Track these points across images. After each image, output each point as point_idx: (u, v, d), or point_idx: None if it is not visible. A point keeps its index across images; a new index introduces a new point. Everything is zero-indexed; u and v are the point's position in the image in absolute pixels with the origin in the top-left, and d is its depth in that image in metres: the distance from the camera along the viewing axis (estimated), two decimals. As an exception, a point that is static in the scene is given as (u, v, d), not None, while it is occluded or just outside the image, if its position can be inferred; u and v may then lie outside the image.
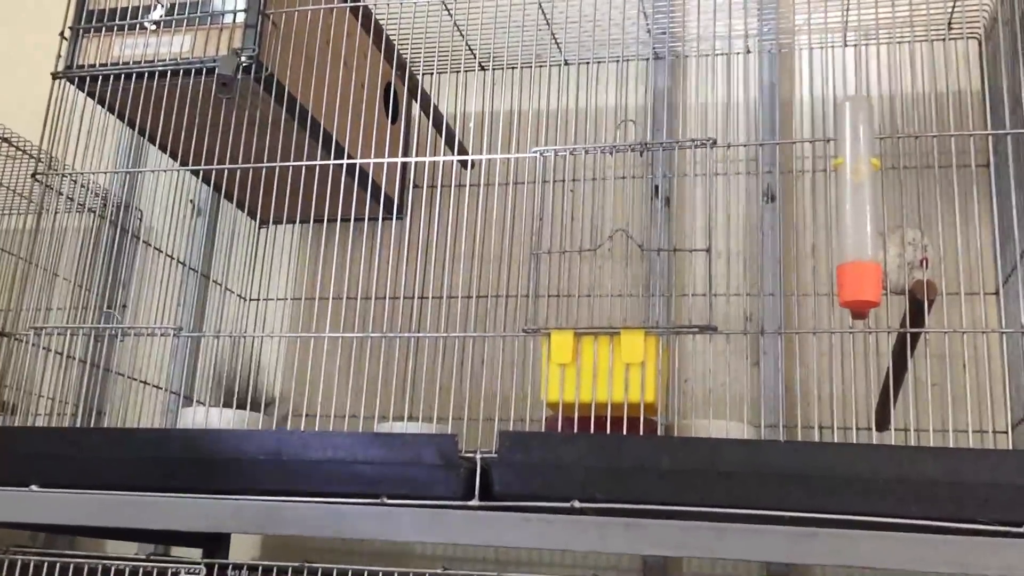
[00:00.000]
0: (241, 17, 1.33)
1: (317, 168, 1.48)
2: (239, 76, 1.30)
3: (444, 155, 1.56)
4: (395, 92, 1.68)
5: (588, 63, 1.64)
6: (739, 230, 1.65)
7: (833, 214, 1.20)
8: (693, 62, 1.76)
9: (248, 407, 1.39)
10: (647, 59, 1.75)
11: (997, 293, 1.50)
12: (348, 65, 1.47)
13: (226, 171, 1.40)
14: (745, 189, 1.65)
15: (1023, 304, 1.20)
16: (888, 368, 1.22)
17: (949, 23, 1.60)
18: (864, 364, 1.33)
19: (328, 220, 1.73)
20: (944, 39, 1.63)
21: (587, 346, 1.10)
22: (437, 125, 1.71)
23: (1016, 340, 1.37)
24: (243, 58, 1.31)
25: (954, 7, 1.56)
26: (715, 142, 1.14)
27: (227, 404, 1.38)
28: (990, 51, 1.60)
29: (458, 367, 1.17)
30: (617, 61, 1.74)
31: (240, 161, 1.36)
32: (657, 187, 1.64)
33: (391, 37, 1.70)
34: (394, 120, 1.70)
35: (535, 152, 1.19)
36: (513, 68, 1.72)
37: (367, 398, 1.30)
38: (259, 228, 1.79)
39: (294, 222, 1.79)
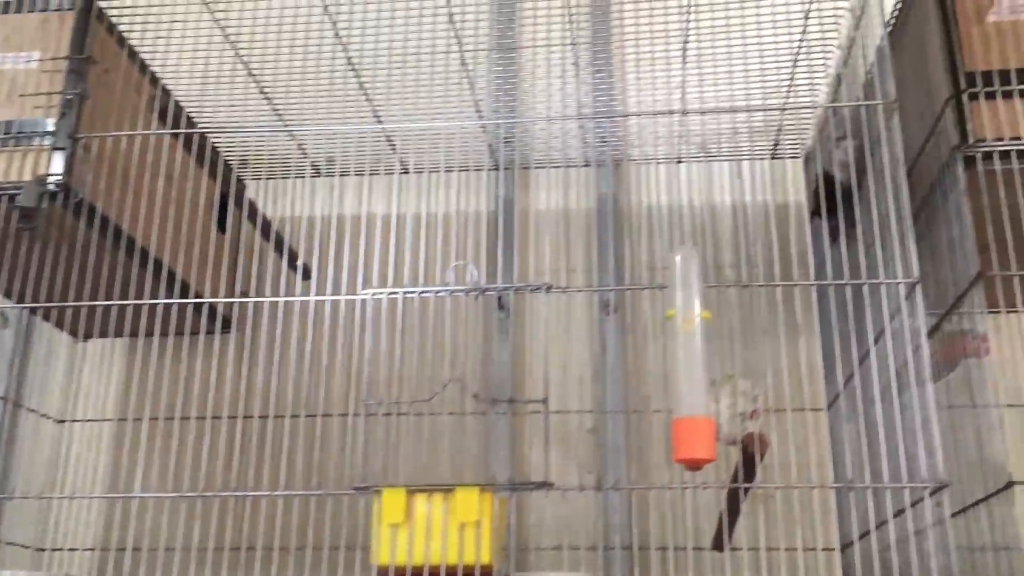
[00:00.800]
0: (49, 140, 1.23)
1: (136, 286, 1.39)
2: (44, 205, 1.20)
3: (278, 287, 1.48)
4: (223, 201, 1.60)
5: (427, 172, 1.61)
6: (583, 342, 1.64)
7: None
8: (534, 172, 1.76)
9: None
10: (489, 170, 1.74)
11: (824, 409, 1.55)
12: (169, 181, 1.39)
13: (41, 295, 1.29)
14: (588, 301, 1.65)
15: (848, 451, 1.22)
16: (724, 502, 1.23)
17: (776, 144, 1.66)
18: (703, 495, 1.34)
19: (152, 334, 1.63)
20: (771, 158, 1.68)
21: (420, 504, 1.05)
22: (266, 234, 1.64)
23: (842, 477, 1.41)
24: (50, 185, 1.21)
25: (780, 130, 1.62)
26: (551, 287, 1.13)
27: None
28: (812, 172, 1.66)
29: (283, 525, 1.10)
30: (456, 170, 1.72)
31: (56, 285, 1.26)
32: (499, 300, 1.62)
33: (219, 147, 1.62)
34: (223, 229, 1.62)
35: (366, 295, 1.14)
36: (345, 175, 1.67)
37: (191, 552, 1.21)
38: (77, 343, 1.67)
39: (115, 336, 1.68)
